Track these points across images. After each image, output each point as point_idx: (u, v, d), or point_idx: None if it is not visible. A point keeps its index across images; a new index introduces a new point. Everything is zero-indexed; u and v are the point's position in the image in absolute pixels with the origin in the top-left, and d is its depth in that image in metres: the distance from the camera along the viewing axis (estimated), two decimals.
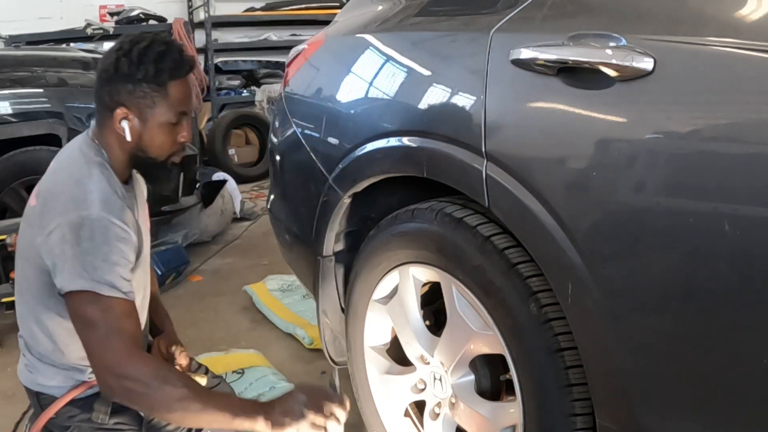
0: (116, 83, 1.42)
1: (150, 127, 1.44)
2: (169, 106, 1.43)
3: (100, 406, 1.52)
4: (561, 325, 1.14)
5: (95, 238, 1.33)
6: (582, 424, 1.13)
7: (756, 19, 0.93)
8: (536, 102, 1.15)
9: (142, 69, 1.39)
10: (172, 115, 1.44)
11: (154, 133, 1.45)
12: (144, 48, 1.40)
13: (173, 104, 1.43)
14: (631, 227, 0.98)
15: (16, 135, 2.94)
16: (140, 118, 1.43)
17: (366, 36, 1.67)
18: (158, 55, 1.40)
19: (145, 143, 1.45)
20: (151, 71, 1.39)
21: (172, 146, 1.48)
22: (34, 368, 1.53)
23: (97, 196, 1.37)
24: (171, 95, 1.42)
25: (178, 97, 1.43)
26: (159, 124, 1.44)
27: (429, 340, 1.49)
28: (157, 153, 1.47)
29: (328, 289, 1.79)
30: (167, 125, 1.45)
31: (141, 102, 1.42)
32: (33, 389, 1.55)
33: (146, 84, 1.40)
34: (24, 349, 1.56)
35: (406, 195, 1.55)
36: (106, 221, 1.35)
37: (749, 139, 0.87)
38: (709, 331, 0.93)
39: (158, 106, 1.42)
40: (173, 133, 1.47)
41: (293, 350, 2.51)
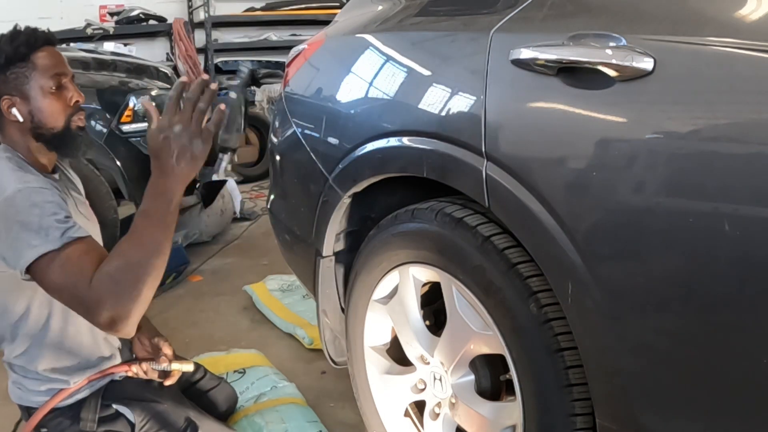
0: None
1: (36, 101, 1.49)
2: (42, 73, 1.48)
3: (87, 414, 1.53)
4: (561, 325, 1.14)
5: (21, 210, 1.33)
6: (582, 424, 1.13)
7: (756, 19, 0.93)
8: (536, 102, 1.15)
9: (1, 55, 1.46)
10: (49, 81, 1.49)
11: (41, 105, 1.49)
12: (1, 36, 1.49)
13: (45, 70, 1.49)
14: (631, 227, 0.98)
15: None
16: (23, 98, 1.48)
17: (366, 36, 1.67)
18: (9, 38, 1.48)
19: (39, 118, 1.49)
20: (9, 52, 1.46)
21: (65, 110, 1.51)
22: (20, 384, 1.55)
23: (9, 176, 1.40)
24: (39, 64, 1.48)
25: (46, 63, 1.49)
26: (42, 94, 1.48)
27: (429, 340, 1.49)
28: (54, 122, 1.50)
29: (328, 289, 1.79)
30: (50, 93, 1.49)
31: (16, 83, 1.47)
32: (23, 405, 1.57)
33: (12, 66, 1.47)
34: (8, 368, 1.57)
35: (406, 195, 1.55)
36: (25, 190, 1.36)
37: (749, 139, 0.87)
38: (709, 331, 0.93)
39: (32, 79, 1.48)
40: (60, 98, 1.51)
41: (293, 350, 2.51)
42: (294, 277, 2.41)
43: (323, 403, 2.12)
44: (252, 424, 1.90)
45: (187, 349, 2.39)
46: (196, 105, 1.19)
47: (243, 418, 1.94)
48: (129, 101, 3.14)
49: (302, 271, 1.93)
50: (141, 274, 1.21)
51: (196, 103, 1.19)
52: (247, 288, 2.98)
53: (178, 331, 2.61)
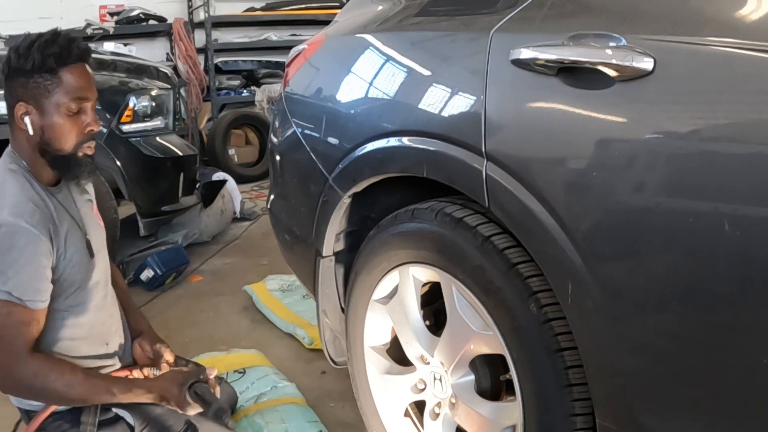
0: (10, 79, 1.43)
1: (50, 118, 1.44)
2: (65, 93, 1.43)
3: (87, 418, 1.52)
4: (561, 325, 1.14)
5: (1, 244, 1.34)
6: (582, 424, 1.13)
7: (756, 19, 0.93)
8: (536, 102, 1.15)
9: (30, 59, 1.40)
10: (70, 102, 1.44)
11: (55, 124, 1.44)
12: (32, 41, 1.42)
13: (69, 91, 1.43)
14: (631, 227, 0.98)
15: None
16: (39, 110, 1.43)
17: (366, 36, 1.67)
18: (44, 44, 1.41)
19: (49, 136, 1.45)
20: (38, 60, 1.40)
21: (77, 136, 1.47)
22: None
23: (6, 201, 1.38)
24: (65, 82, 1.42)
25: (73, 83, 1.43)
26: (58, 113, 1.43)
27: (429, 340, 1.49)
28: (62, 145, 1.46)
29: (328, 289, 1.79)
30: (67, 114, 1.44)
31: (36, 93, 1.42)
32: (23, 408, 1.56)
33: (38, 74, 1.41)
34: None
35: (406, 195, 1.55)
36: (14, 226, 1.35)
37: (749, 139, 0.87)
38: (709, 331, 0.93)
39: (54, 95, 1.42)
40: (76, 123, 1.46)
41: (293, 350, 2.51)
42: (294, 277, 2.41)
43: (323, 403, 2.12)
44: (252, 423, 1.89)
45: (187, 349, 2.39)
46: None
47: (243, 417, 1.94)
48: (129, 101, 3.13)
49: (302, 271, 1.93)
50: (60, 402, 1.47)
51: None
52: (247, 288, 2.98)
53: (178, 331, 2.61)
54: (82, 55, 1.45)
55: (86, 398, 1.44)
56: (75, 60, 1.44)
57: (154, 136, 3.22)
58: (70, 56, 1.43)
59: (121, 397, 1.45)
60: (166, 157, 3.23)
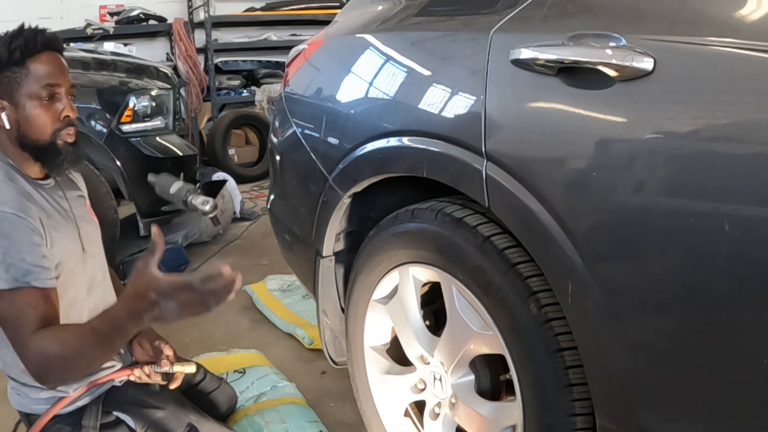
0: None
1: (24, 110, 1.45)
2: (35, 82, 1.44)
3: (88, 422, 1.52)
4: (561, 325, 1.14)
5: None
6: (582, 424, 1.13)
7: (756, 19, 0.93)
8: (536, 102, 1.15)
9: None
10: (41, 90, 1.44)
11: (29, 115, 1.45)
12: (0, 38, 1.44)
13: (38, 79, 1.44)
14: (631, 227, 0.98)
15: None
16: (13, 104, 1.44)
17: (366, 36, 1.67)
18: (9, 39, 1.43)
19: (25, 128, 1.45)
20: (5, 55, 1.42)
21: (53, 123, 1.47)
22: (19, 391, 1.54)
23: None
24: (33, 71, 1.43)
25: (41, 71, 1.44)
26: (31, 103, 1.44)
27: (429, 340, 1.49)
28: (39, 135, 1.46)
29: (328, 289, 1.79)
30: (39, 102, 1.45)
31: (8, 87, 1.44)
32: (23, 411, 1.56)
33: (7, 69, 1.42)
34: (6, 375, 1.55)
35: (406, 195, 1.55)
36: (1, 215, 1.34)
37: (749, 139, 0.87)
38: (709, 331, 0.93)
39: (24, 86, 1.43)
40: (50, 110, 1.46)
41: (293, 350, 2.51)
42: (294, 277, 2.41)
43: (323, 403, 2.12)
44: (252, 423, 1.89)
45: (187, 349, 2.39)
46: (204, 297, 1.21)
47: (243, 417, 1.94)
48: (129, 101, 3.13)
49: (302, 271, 1.93)
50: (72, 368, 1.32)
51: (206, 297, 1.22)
52: (247, 288, 2.98)
53: (178, 332, 2.61)
54: (48, 44, 1.47)
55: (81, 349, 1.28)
56: (41, 49, 1.45)
57: (154, 136, 3.23)
58: (36, 45, 1.44)
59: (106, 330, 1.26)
60: (166, 157, 3.23)
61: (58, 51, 1.49)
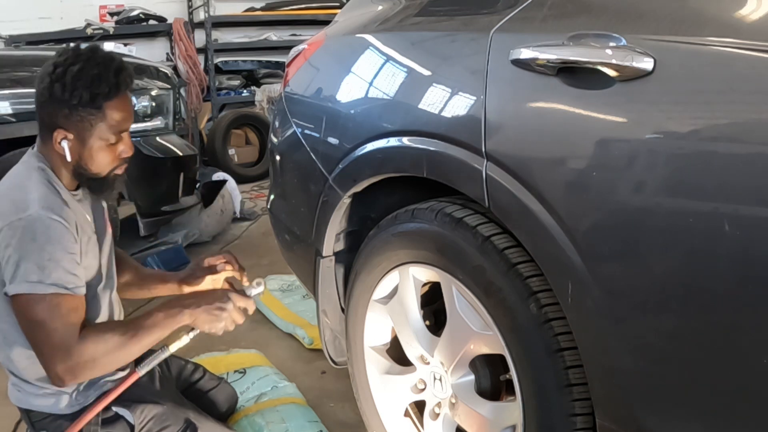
0: (52, 107, 1.42)
1: (89, 148, 1.45)
2: (108, 128, 1.44)
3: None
4: (561, 325, 1.14)
5: (38, 238, 1.35)
6: (582, 424, 1.13)
7: (756, 19, 0.93)
8: (536, 102, 1.15)
9: (76, 95, 1.39)
10: (111, 135, 1.45)
11: (94, 153, 1.46)
12: (78, 72, 1.39)
13: (112, 125, 1.44)
14: (631, 227, 0.98)
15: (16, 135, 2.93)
16: (79, 139, 1.44)
17: (366, 36, 1.67)
18: (92, 79, 1.40)
19: (86, 162, 1.47)
20: (85, 97, 1.40)
21: (112, 162, 1.49)
22: (21, 387, 1.54)
23: (35, 195, 1.39)
24: (108, 116, 1.43)
25: (117, 117, 1.44)
26: (98, 144, 1.45)
27: (429, 340, 1.49)
28: (98, 170, 1.48)
29: (328, 289, 1.79)
30: (106, 144, 1.46)
31: (79, 125, 1.43)
32: (23, 407, 1.56)
33: (82, 108, 1.40)
34: (7, 371, 1.56)
35: (406, 195, 1.55)
36: (47, 219, 1.36)
37: (749, 139, 0.87)
38: (709, 331, 0.93)
39: (96, 128, 1.43)
40: (113, 151, 1.48)
41: (293, 350, 2.51)
42: (294, 277, 2.41)
43: (323, 403, 2.12)
44: (252, 423, 1.90)
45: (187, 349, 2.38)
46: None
47: (243, 417, 1.94)
48: None
49: (302, 271, 1.93)
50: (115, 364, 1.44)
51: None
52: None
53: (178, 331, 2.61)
54: (126, 86, 1.46)
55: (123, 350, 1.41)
56: (122, 94, 1.45)
57: (154, 136, 3.22)
58: (118, 92, 1.43)
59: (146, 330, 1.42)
60: (166, 157, 3.23)
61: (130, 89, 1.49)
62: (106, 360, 1.40)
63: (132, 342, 1.41)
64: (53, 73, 1.40)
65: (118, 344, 1.39)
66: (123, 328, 1.43)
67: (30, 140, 2.99)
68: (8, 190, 1.43)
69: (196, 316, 1.47)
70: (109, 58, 1.44)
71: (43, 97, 1.42)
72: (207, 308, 1.47)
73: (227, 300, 1.49)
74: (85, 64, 1.40)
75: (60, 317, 1.35)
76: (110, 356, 1.40)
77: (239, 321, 1.51)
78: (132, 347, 1.41)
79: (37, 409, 1.53)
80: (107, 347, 1.38)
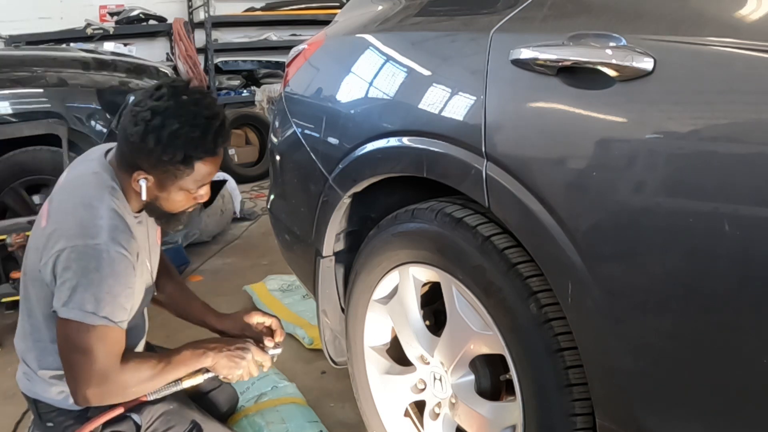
0: (140, 152, 1.38)
1: (168, 194, 1.44)
2: (193, 181, 1.42)
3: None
4: (561, 325, 1.14)
5: (102, 270, 1.34)
6: (582, 424, 1.14)
7: (756, 19, 0.93)
8: (536, 102, 1.15)
9: (169, 152, 1.35)
10: (194, 187, 1.43)
11: (171, 198, 1.45)
12: (176, 130, 1.34)
13: (197, 180, 1.42)
14: (631, 227, 0.98)
15: (16, 135, 2.94)
16: (159, 185, 1.42)
17: (366, 36, 1.67)
18: (191, 142, 1.35)
19: (160, 202, 1.46)
20: (179, 157, 1.36)
21: (187, 204, 1.48)
22: (31, 378, 1.54)
23: (105, 222, 1.37)
24: (197, 173, 1.41)
25: (203, 173, 1.42)
26: (178, 192, 1.43)
27: (429, 340, 1.49)
28: (170, 209, 1.48)
29: (328, 289, 1.79)
30: (187, 193, 1.44)
31: (162, 175, 1.40)
32: (31, 397, 1.56)
33: (172, 165, 1.37)
34: (21, 359, 1.56)
35: (406, 195, 1.55)
36: (113, 252, 1.35)
37: (749, 139, 0.87)
38: (709, 331, 0.93)
39: (180, 179, 1.41)
40: (191, 197, 1.46)
41: (293, 350, 2.51)
42: (294, 277, 2.41)
43: (323, 403, 2.12)
44: (252, 424, 1.89)
45: None
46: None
47: (243, 418, 1.94)
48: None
49: (302, 271, 1.93)
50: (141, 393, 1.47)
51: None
52: (247, 288, 2.98)
53: (179, 331, 2.61)
54: (224, 146, 1.43)
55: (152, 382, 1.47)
56: (217, 155, 1.42)
57: None
58: (214, 155, 1.41)
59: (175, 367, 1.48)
60: None
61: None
62: (136, 389, 1.45)
63: (161, 375, 1.46)
64: (150, 122, 1.34)
65: (149, 377, 1.45)
66: (155, 361, 1.46)
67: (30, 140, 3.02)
68: (76, 207, 1.40)
69: (217, 360, 1.51)
70: (213, 115, 1.39)
71: (132, 138, 1.37)
72: (228, 355, 1.52)
73: (247, 351, 1.54)
74: (186, 121, 1.35)
75: (104, 347, 1.37)
76: (140, 386, 1.45)
77: (254, 373, 1.56)
78: (159, 380, 1.47)
79: (46, 401, 1.54)
80: (140, 378, 1.44)
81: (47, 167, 3.01)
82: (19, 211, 3.04)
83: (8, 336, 2.57)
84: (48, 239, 1.39)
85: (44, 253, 1.38)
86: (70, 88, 3.09)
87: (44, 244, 1.39)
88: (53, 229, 1.39)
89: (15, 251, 2.65)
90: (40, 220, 1.47)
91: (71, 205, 1.42)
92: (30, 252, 1.48)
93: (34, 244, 1.46)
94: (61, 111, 3.01)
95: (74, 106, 3.06)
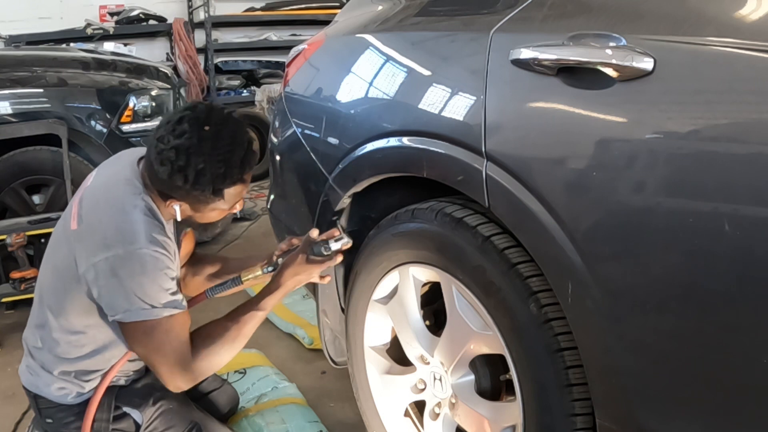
0: (170, 187, 1.42)
1: (202, 214, 1.49)
2: (226, 203, 1.47)
3: (101, 414, 1.54)
4: (561, 325, 1.14)
5: (147, 271, 1.38)
6: (582, 424, 1.13)
7: (756, 19, 0.93)
8: (536, 102, 1.15)
9: (198, 188, 1.39)
10: (227, 207, 1.49)
11: (206, 216, 1.50)
12: (202, 169, 1.37)
13: (230, 200, 1.47)
14: (631, 227, 0.98)
15: (16, 135, 2.94)
16: (193, 209, 1.48)
17: (366, 36, 1.67)
18: (217, 177, 1.39)
19: (196, 219, 1.51)
20: (208, 190, 1.40)
21: (221, 216, 1.53)
22: (35, 372, 1.54)
23: (143, 227, 1.40)
24: (227, 197, 1.45)
25: (236, 193, 1.46)
26: (212, 212, 1.49)
27: (429, 340, 1.49)
28: (206, 221, 1.54)
29: (328, 289, 1.79)
30: (221, 210, 1.50)
31: (194, 202, 1.45)
32: (32, 391, 1.56)
33: (202, 196, 1.42)
34: (27, 353, 1.57)
35: (406, 195, 1.55)
36: (155, 253, 1.39)
37: (749, 139, 0.87)
38: (709, 331, 0.93)
39: (211, 203, 1.45)
40: (225, 211, 1.51)
41: (293, 350, 2.51)
42: None
43: (323, 403, 2.12)
44: (253, 424, 1.90)
45: None
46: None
47: (243, 418, 1.94)
48: (129, 101, 3.14)
49: None
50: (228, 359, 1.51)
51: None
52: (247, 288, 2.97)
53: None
54: (251, 170, 1.46)
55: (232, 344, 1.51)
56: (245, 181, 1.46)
57: None
58: (242, 182, 1.45)
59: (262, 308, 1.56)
60: None
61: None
62: (222, 361, 1.49)
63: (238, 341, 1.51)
64: (175, 162, 1.36)
65: (227, 349, 1.49)
66: (226, 330, 1.49)
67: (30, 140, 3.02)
68: (113, 216, 1.42)
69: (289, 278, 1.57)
70: (236, 144, 1.41)
71: (160, 175, 1.40)
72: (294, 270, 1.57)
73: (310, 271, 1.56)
74: (210, 157, 1.37)
75: (174, 339, 1.42)
76: (223, 358, 1.49)
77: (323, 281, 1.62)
78: (238, 344, 1.51)
79: (46, 397, 1.54)
80: (219, 355, 1.48)
81: (47, 167, 3.02)
82: (19, 211, 3.04)
83: (8, 336, 2.57)
84: (85, 244, 1.41)
85: (82, 257, 1.40)
86: (70, 88, 3.09)
87: (79, 248, 1.41)
88: (90, 234, 1.42)
89: (15, 251, 2.65)
90: (68, 220, 1.48)
91: (106, 211, 1.43)
92: (59, 246, 1.49)
93: (65, 241, 1.47)
94: (61, 111, 3.02)
95: (74, 106, 3.07)
